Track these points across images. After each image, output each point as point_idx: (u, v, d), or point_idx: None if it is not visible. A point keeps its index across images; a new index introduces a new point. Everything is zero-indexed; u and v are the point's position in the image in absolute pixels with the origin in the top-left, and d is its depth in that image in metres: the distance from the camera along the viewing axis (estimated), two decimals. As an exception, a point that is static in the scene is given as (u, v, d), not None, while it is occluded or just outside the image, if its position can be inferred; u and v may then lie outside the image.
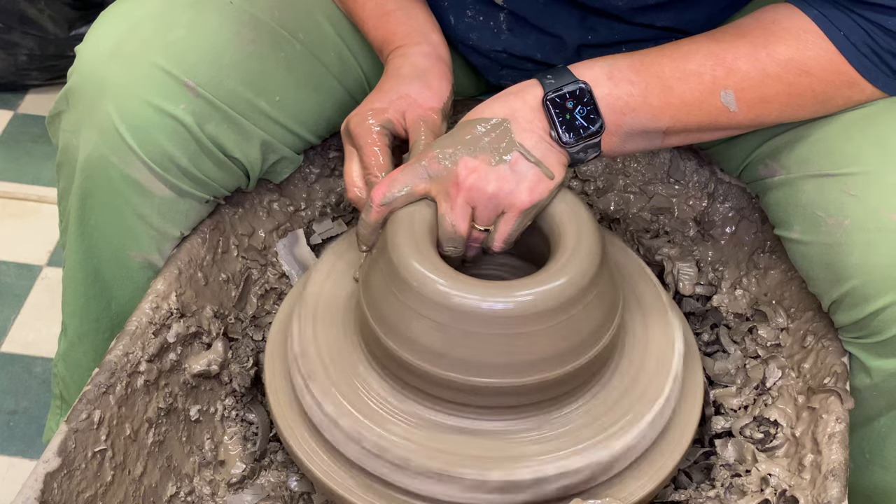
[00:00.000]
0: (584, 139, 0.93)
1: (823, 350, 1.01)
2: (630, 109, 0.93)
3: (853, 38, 0.91)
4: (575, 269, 0.89)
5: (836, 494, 0.89)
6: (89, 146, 0.99)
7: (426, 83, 1.01)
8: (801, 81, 0.93)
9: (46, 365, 1.60)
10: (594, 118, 0.92)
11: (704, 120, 0.94)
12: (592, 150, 0.94)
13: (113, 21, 1.02)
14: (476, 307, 0.86)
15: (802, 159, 0.97)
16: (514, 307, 0.86)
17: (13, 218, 1.85)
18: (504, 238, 0.94)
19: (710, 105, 0.93)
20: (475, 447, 0.90)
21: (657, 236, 1.17)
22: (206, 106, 0.99)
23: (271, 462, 1.05)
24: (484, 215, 0.93)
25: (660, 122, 0.94)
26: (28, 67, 2.04)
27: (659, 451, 0.95)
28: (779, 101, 0.94)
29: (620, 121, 0.93)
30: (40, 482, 0.85)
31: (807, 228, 0.96)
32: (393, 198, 0.93)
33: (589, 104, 0.92)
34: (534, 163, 0.92)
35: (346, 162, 1.00)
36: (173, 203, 1.02)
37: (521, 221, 0.93)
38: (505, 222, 0.93)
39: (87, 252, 1.06)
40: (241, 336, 1.09)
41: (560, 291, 0.87)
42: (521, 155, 0.92)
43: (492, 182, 0.91)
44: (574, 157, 0.94)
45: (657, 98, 0.93)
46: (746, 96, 0.93)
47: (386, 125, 0.99)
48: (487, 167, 0.91)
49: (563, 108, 0.92)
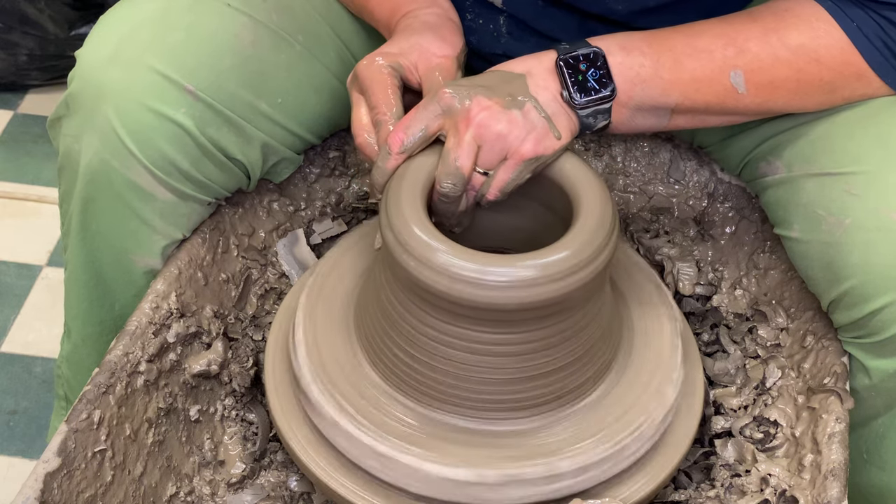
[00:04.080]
0: (596, 102, 0.93)
1: (823, 350, 1.01)
2: (641, 80, 0.93)
3: (866, 30, 0.92)
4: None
5: (836, 494, 0.89)
6: (91, 151, 0.99)
7: (439, 35, 0.99)
8: (811, 69, 0.93)
9: (46, 365, 1.60)
10: (606, 82, 0.93)
11: (713, 100, 0.95)
12: (602, 116, 0.94)
13: (112, 25, 1.02)
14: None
15: (804, 158, 0.98)
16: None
17: (13, 218, 1.85)
18: (501, 186, 0.92)
19: (720, 84, 0.94)
20: (477, 447, 0.90)
21: (657, 236, 1.17)
22: (206, 109, 0.99)
23: (271, 462, 1.05)
24: (488, 156, 0.91)
25: (669, 96, 0.94)
26: (28, 67, 2.04)
27: (659, 451, 0.95)
28: (787, 87, 0.94)
29: (631, 91, 0.93)
30: (40, 482, 0.85)
31: (807, 227, 0.96)
32: (411, 143, 0.91)
33: (602, 68, 0.93)
34: (544, 117, 0.92)
35: (353, 109, 0.97)
36: (175, 206, 1.02)
37: (520, 171, 0.92)
38: (505, 169, 0.92)
39: (89, 256, 1.06)
40: (241, 336, 1.09)
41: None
42: (534, 107, 0.92)
43: (502, 122, 0.90)
44: (583, 122, 0.94)
45: (668, 71, 0.93)
46: (755, 78, 0.94)
47: (396, 67, 0.96)
48: (500, 108, 0.91)
49: (576, 70, 0.93)
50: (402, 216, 0.88)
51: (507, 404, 0.91)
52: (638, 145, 1.17)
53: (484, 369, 0.89)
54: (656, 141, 1.16)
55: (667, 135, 1.16)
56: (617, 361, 0.97)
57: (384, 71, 0.95)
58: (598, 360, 0.94)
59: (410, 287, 0.88)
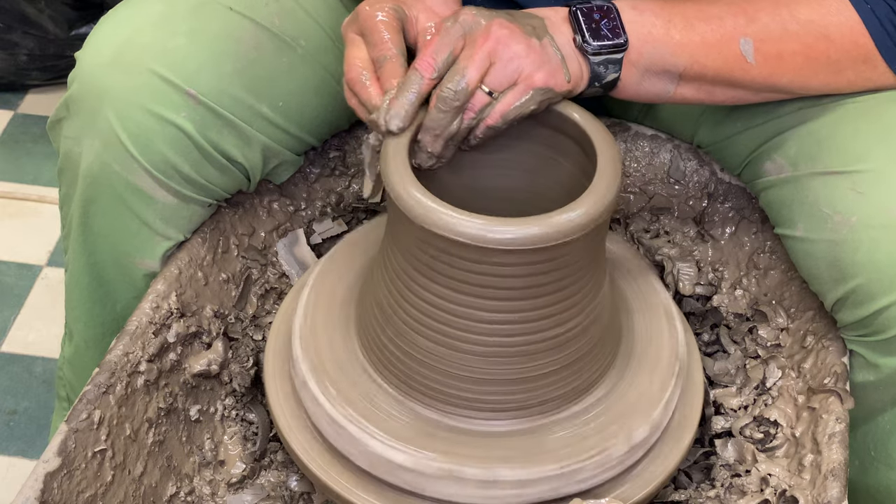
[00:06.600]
0: (608, 49, 0.92)
1: (823, 350, 1.01)
2: (652, 38, 0.93)
3: (879, 12, 0.92)
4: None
5: (836, 494, 0.89)
6: (91, 154, 0.99)
7: None
8: (819, 45, 0.94)
9: (46, 365, 1.60)
10: (619, 33, 0.93)
11: (722, 67, 0.95)
12: (613, 67, 0.93)
13: (113, 28, 1.02)
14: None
15: (810, 156, 0.97)
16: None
17: (13, 218, 1.85)
18: (505, 111, 0.89)
19: (729, 50, 0.94)
20: (476, 447, 0.90)
21: (657, 236, 1.17)
22: (207, 113, 0.99)
23: (271, 462, 1.05)
24: (498, 75, 0.89)
25: (679, 58, 0.94)
26: (28, 67, 2.04)
27: (659, 451, 0.95)
28: (794, 61, 0.95)
29: (642, 48, 0.94)
30: (40, 482, 0.86)
31: (811, 226, 0.96)
32: (442, 67, 0.89)
33: (615, 20, 0.93)
34: (560, 56, 0.91)
35: (348, 48, 0.93)
36: (176, 208, 1.02)
37: (528, 99, 0.90)
38: (514, 92, 0.90)
39: (90, 257, 1.06)
40: (241, 336, 1.09)
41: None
42: (551, 43, 0.91)
43: (521, 44, 0.89)
44: (594, 70, 0.93)
45: (679, 32, 0.94)
46: (764, 48, 0.94)
47: (400, 14, 0.93)
48: (521, 33, 0.90)
49: (589, 18, 0.93)
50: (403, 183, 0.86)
51: (509, 404, 0.91)
52: (638, 145, 1.17)
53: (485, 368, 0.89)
54: (656, 141, 1.16)
55: (667, 135, 1.16)
56: (616, 361, 0.97)
57: (390, 13, 0.92)
58: (598, 361, 0.94)
59: (413, 252, 0.87)
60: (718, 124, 1.09)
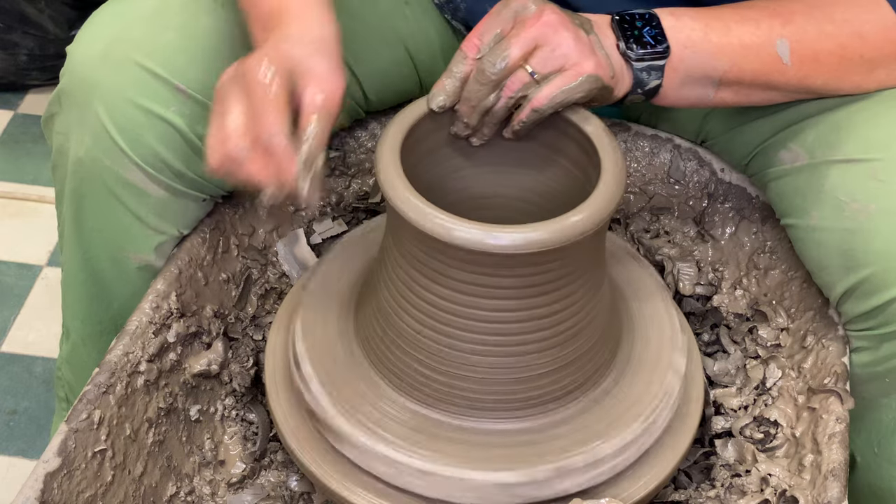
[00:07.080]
0: (651, 56, 0.93)
1: (823, 350, 1.01)
2: (692, 43, 0.94)
3: None
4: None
5: (836, 494, 0.89)
6: (81, 148, 0.99)
7: (332, 64, 0.84)
8: (853, 44, 0.94)
9: (46, 365, 1.60)
10: (661, 40, 0.93)
11: (759, 69, 0.95)
12: (656, 74, 0.94)
13: (104, 22, 1.02)
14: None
15: (828, 144, 0.97)
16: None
17: (13, 218, 1.85)
18: (553, 93, 0.88)
19: (766, 52, 0.94)
20: (477, 447, 0.90)
21: (657, 236, 1.17)
22: (196, 108, 0.98)
23: (271, 462, 1.05)
24: (543, 58, 0.88)
25: (718, 61, 0.94)
26: (28, 67, 2.04)
27: (659, 450, 0.95)
28: (829, 62, 0.95)
29: (682, 53, 0.94)
30: (40, 482, 0.85)
31: (827, 214, 0.96)
32: (487, 47, 0.88)
33: (657, 27, 0.94)
34: (605, 54, 0.91)
35: (223, 107, 0.82)
36: (168, 203, 1.02)
37: (577, 86, 0.88)
38: (563, 77, 0.88)
39: (84, 254, 1.06)
40: (241, 336, 1.09)
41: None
42: (597, 42, 0.91)
43: (570, 32, 0.89)
44: (637, 77, 0.93)
45: (718, 35, 0.94)
46: (800, 50, 0.94)
47: (286, 78, 0.82)
48: (571, 23, 0.90)
49: (632, 26, 0.93)
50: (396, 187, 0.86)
51: (510, 403, 0.91)
52: (638, 145, 1.17)
53: (485, 367, 0.89)
54: (656, 141, 1.16)
55: (667, 135, 1.16)
56: (616, 361, 0.97)
57: (278, 75, 0.81)
58: (598, 359, 0.94)
59: (414, 254, 0.87)
60: (730, 114, 1.09)
